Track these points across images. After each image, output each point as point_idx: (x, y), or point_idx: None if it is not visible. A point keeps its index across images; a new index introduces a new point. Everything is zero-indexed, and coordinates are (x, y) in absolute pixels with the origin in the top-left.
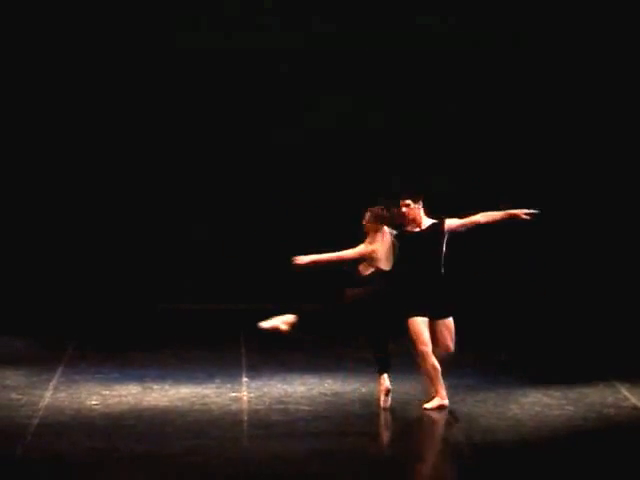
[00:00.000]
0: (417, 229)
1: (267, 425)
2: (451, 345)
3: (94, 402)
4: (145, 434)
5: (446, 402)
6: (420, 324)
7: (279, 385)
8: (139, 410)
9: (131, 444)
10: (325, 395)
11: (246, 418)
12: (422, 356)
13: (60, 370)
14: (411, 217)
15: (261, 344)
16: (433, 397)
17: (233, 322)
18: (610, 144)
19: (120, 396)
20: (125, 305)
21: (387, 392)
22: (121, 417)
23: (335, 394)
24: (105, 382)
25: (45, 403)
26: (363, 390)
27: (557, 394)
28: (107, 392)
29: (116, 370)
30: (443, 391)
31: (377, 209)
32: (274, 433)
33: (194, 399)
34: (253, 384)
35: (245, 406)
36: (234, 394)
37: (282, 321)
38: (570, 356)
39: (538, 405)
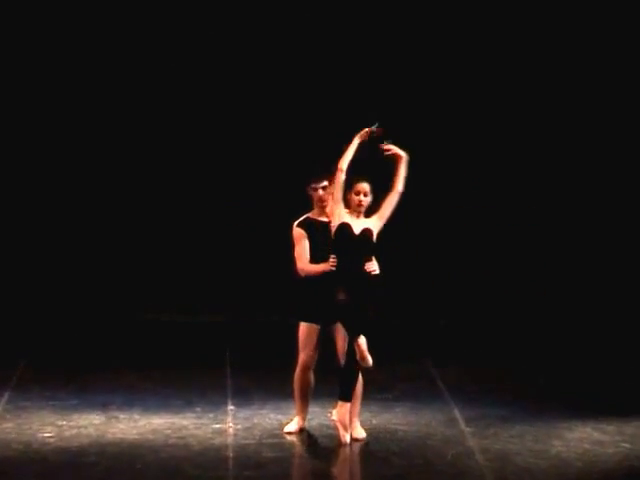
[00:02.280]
0: (327, 219)
1: (257, 464)
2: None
3: (47, 434)
4: (109, 474)
5: (305, 425)
6: (308, 332)
7: (272, 415)
8: (102, 444)
9: None
10: (327, 428)
11: (232, 455)
12: (300, 367)
13: (6, 395)
14: (326, 203)
15: (250, 364)
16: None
17: (217, 337)
18: (610, 143)
19: (79, 427)
20: (88, 316)
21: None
22: (80, 453)
23: None
24: (61, 410)
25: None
26: (374, 422)
27: (610, 428)
28: (63, 422)
29: (75, 395)
30: (305, 413)
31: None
32: (266, 474)
33: (169, 431)
34: (240, 413)
35: (231, 440)
36: (217, 425)
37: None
38: (623, 381)
39: (587, 442)
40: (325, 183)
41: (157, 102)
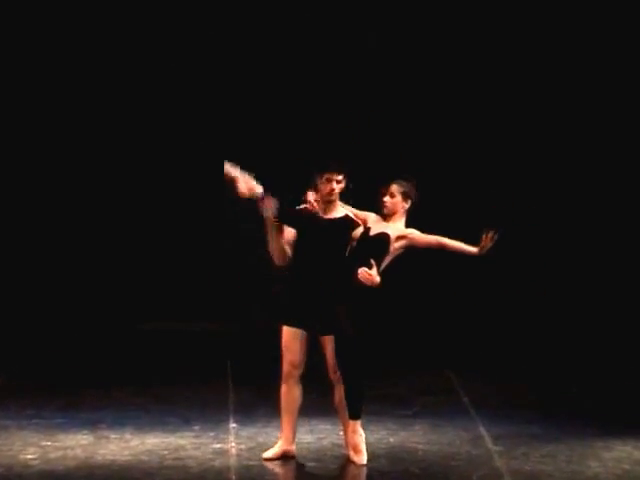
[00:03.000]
0: (328, 216)
1: None
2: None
3: (31, 456)
4: None
5: (292, 449)
6: (289, 336)
7: (278, 433)
8: (90, 467)
9: None
10: (339, 447)
11: (234, 477)
12: (284, 379)
13: None
14: (334, 198)
15: (254, 376)
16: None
17: (217, 347)
18: (610, 143)
19: (65, 448)
20: (75, 325)
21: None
22: (67, 476)
23: None
24: (46, 429)
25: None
26: (392, 440)
27: None
28: (48, 443)
29: (60, 413)
30: (292, 433)
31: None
32: None
33: (165, 452)
34: (244, 432)
35: (233, 461)
36: (218, 445)
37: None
38: None
39: (627, 462)
40: (341, 177)
41: (155, 107)
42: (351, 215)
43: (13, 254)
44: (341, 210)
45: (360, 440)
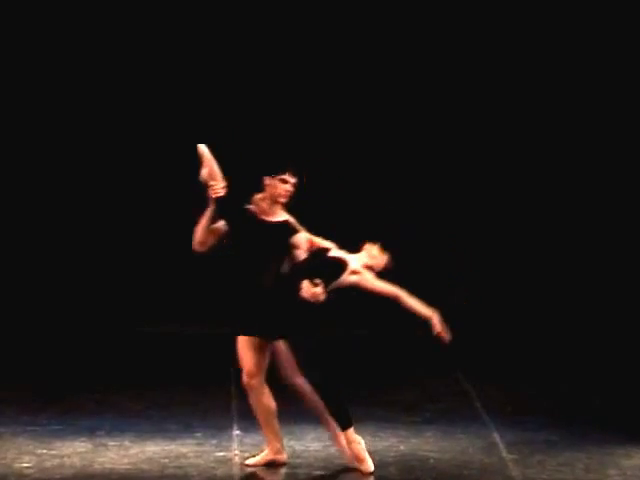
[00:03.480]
0: (269, 218)
1: None
2: (290, 374)
3: (26, 464)
4: None
5: (282, 457)
6: (241, 345)
7: (284, 441)
8: (88, 475)
9: None
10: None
11: None
12: (247, 391)
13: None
14: (284, 200)
15: None
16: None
17: (220, 351)
18: (609, 143)
19: (62, 456)
20: (72, 328)
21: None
22: None
23: None
24: (42, 437)
25: None
26: (402, 448)
27: None
28: (44, 451)
29: (57, 420)
30: (277, 442)
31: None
32: None
33: (165, 460)
34: (248, 439)
35: (236, 470)
36: (221, 453)
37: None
38: None
39: None
40: (295, 181)
41: (154, 108)
42: (292, 220)
43: (10, 256)
44: (283, 215)
45: (359, 448)
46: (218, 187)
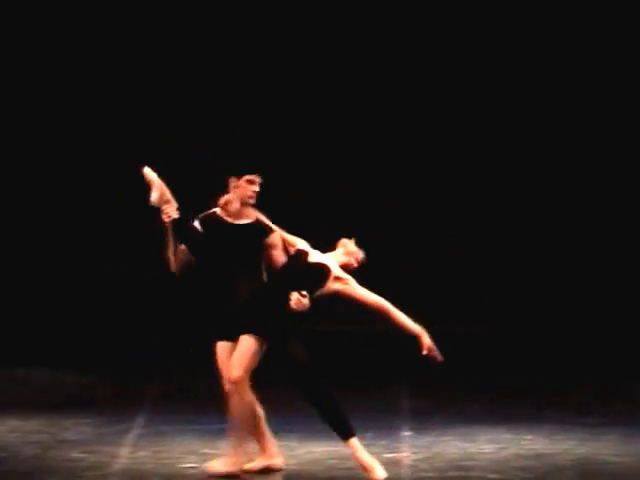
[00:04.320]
0: (237, 221)
1: None
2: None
3: (190, 464)
4: None
5: (276, 462)
6: (219, 352)
7: (456, 443)
8: (253, 477)
9: None
10: (523, 458)
11: None
12: (229, 397)
13: (141, 418)
14: (253, 202)
15: (431, 381)
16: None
17: (390, 350)
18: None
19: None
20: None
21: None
22: None
23: (537, 457)
24: (205, 436)
25: (119, 466)
26: (578, 452)
27: None
28: (208, 450)
29: (221, 418)
30: (267, 445)
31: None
32: None
33: (333, 461)
34: (419, 440)
35: (407, 473)
36: (391, 455)
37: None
38: None
39: None
40: (260, 181)
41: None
42: (262, 218)
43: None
44: (253, 215)
45: (364, 456)
46: (171, 210)
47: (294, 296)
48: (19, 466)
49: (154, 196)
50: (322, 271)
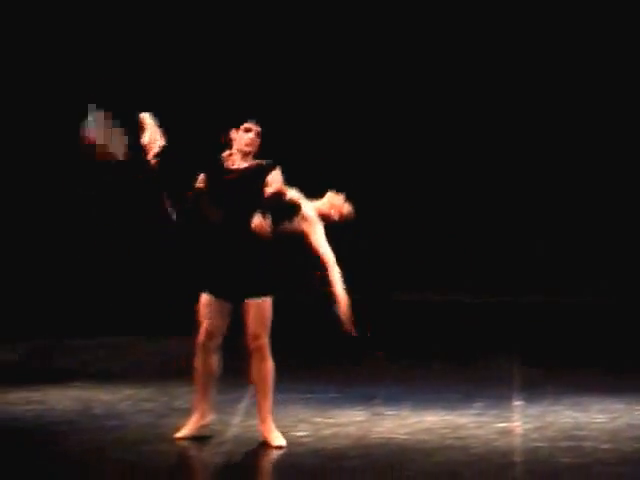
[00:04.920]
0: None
1: (551, 471)
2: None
3: (302, 433)
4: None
5: (207, 421)
6: (205, 302)
7: (568, 412)
8: (365, 446)
9: None
10: (636, 428)
11: (519, 460)
12: (197, 351)
13: (252, 387)
14: (251, 149)
15: (542, 351)
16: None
17: (503, 319)
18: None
19: (339, 425)
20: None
21: None
22: (340, 455)
23: None
24: (318, 405)
25: (233, 433)
26: None
27: None
28: (320, 419)
29: (334, 388)
30: (206, 405)
31: None
32: None
33: (445, 431)
34: (530, 410)
35: (518, 442)
36: (502, 424)
37: None
38: None
39: None
40: (259, 130)
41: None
42: (266, 162)
43: None
44: (254, 164)
45: None
46: (156, 146)
47: (258, 217)
48: (133, 434)
49: (145, 136)
50: (293, 207)
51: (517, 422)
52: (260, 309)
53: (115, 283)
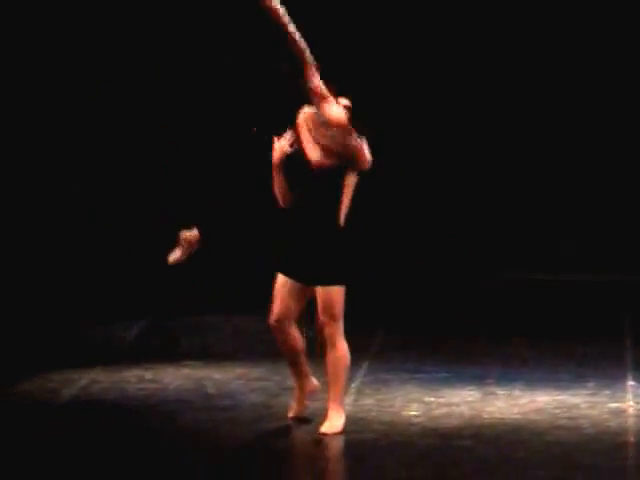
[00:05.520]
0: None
1: None
2: (324, 320)
3: (413, 413)
4: (485, 461)
5: (312, 386)
6: (278, 283)
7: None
8: (477, 426)
9: (466, 471)
10: None
11: (633, 440)
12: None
13: (365, 366)
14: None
15: None
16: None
17: (613, 299)
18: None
19: (450, 405)
20: (453, 276)
21: None
22: (451, 435)
23: None
24: (429, 384)
25: (346, 412)
26: None
27: None
28: (432, 399)
29: (445, 367)
30: (303, 378)
31: None
32: None
33: (557, 411)
34: None
35: (631, 422)
36: (615, 404)
37: None
38: None
39: None
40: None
41: None
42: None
43: None
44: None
45: None
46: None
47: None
48: (245, 413)
49: (174, 255)
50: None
51: (630, 402)
52: (328, 296)
53: (229, 262)
